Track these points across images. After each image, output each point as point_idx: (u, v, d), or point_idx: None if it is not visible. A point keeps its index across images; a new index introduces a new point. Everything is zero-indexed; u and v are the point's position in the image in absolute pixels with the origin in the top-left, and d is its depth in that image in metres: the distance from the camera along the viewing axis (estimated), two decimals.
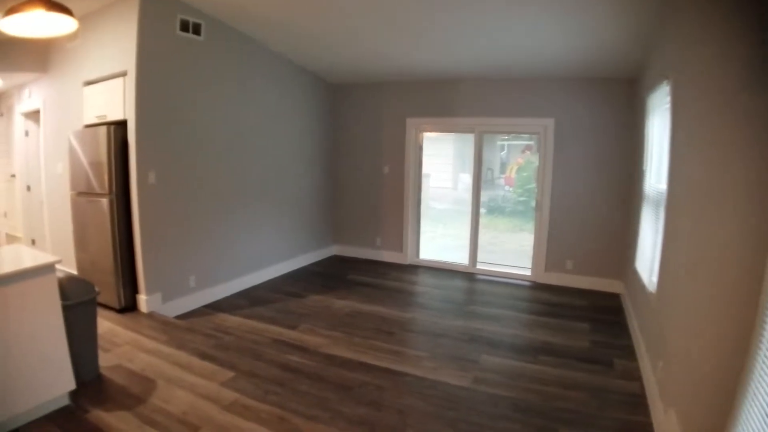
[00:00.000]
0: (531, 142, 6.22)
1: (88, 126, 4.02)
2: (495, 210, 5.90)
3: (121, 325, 3.57)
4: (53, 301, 2.45)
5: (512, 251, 6.14)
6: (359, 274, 5.63)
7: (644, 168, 4.07)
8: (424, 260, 6.00)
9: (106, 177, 3.66)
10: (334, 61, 5.19)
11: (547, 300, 4.87)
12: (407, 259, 6.02)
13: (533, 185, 5.97)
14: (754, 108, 1.74)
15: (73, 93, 4.25)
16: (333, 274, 5.61)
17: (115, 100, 3.71)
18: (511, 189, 6.33)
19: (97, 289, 2.84)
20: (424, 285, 5.34)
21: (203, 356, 3.20)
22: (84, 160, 3.88)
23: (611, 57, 4.36)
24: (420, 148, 5.91)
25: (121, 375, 2.87)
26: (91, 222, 3.86)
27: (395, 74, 5.55)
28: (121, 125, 3.69)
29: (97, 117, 3.92)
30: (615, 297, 4.99)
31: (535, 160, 6.14)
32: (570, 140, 5.15)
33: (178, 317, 3.97)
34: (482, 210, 6.19)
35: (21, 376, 2.30)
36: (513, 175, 6.44)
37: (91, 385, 2.73)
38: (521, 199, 6.28)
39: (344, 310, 4.37)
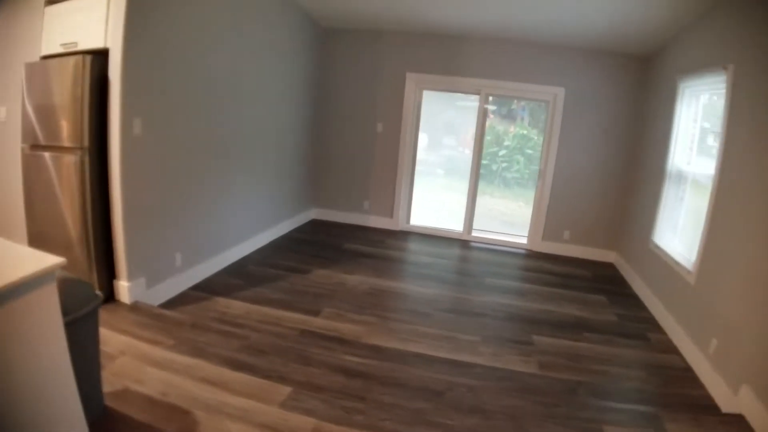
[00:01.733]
0: (493, 107, 5.86)
1: (48, 56, 2.79)
2: (452, 172, 5.57)
3: (105, 324, 2.63)
4: (54, 321, 1.58)
5: (481, 215, 5.79)
6: (353, 242, 5.03)
7: (670, 147, 4.02)
8: (415, 226, 5.57)
9: (75, 124, 2.54)
10: None
11: (551, 270, 4.80)
12: (398, 225, 5.54)
13: (496, 149, 5.73)
14: None
15: (29, 16, 2.92)
16: (324, 243, 4.94)
17: (91, 23, 2.57)
18: (469, 151, 6.00)
19: (98, 292, 1.95)
20: (426, 254, 4.93)
21: (235, 365, 2.48)
22: (41, 102, 2.69)
23: (635, 32, 4.16)
24: (419, 107, 5.30)
25: (138, 406, 2.07)
26: (51, 185, 2.73)
27: (398, 22, 4.79)
28: (100, 56, 2.57)
29: (63, 45, 2.72)
30: (611, 266, 5.10)
31: (497, 125, 5.88)
32: (578, 111, 4.97)
33: (165, 305, 3.09)
34: (440, 171, 5.92)
35: None
36: (471, 138, 6.10)
37: (102, 427, 1.91)
38: (484, 162, 6.01)
39: (360, 288, 3.82)
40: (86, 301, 1.85)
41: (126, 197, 2.69)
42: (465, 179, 5.46)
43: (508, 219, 5.88)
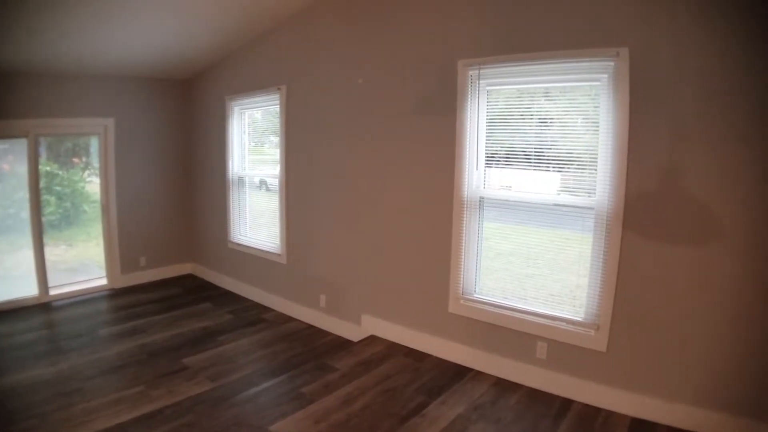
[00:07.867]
0: (5, 146, 5.00)
1: None
2: None
3: None
4: None
5: (17, 277, 4.75)
6: None
7: (228, 157, 5.05)
8: None
9: None
10: None
11: (147, 299, 4.99)
12: None
13: (23, 194, 4.79)
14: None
15: None
16: None
17: None
18: None
19: None
20: (21, 332, 4.00)
21: None
22: None
23: (178, 62, 4.91)
24: None
25: None
26: None
27: None
28: None
29: None
30: (191, 277, 5.85)
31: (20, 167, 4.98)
32: (132, 139, 5.25)
33: None
34: None
35: None
36: None
37: None
38: (11, 211, 5.07)
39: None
40: None
41: None
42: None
43: (68, 266, 5.15)
